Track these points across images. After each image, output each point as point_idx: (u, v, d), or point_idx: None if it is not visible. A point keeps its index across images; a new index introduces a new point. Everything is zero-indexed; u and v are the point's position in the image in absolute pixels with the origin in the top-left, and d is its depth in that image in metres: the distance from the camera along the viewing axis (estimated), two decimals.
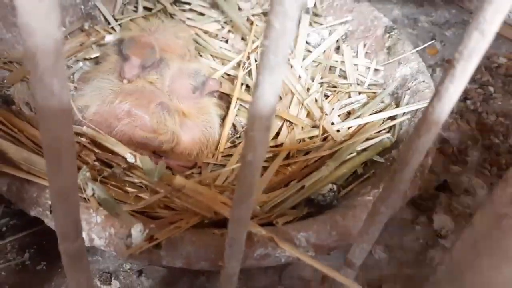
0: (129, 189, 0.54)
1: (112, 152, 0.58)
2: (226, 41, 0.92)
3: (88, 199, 0.47)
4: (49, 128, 0.26)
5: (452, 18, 1.37)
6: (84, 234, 0.49)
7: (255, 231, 0.50)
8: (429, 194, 0.86)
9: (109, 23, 0.90)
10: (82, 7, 0.88)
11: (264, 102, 0.27)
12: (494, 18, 0.27)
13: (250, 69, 0.83)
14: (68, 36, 0.84)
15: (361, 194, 0.62)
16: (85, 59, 0.82)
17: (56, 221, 0.32)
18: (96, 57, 0.81)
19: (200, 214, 0.51)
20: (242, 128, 0.78)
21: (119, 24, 0.89)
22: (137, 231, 0.49)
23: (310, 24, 0.94)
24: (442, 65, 1.18)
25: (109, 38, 0.83)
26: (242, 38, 0.91)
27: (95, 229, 0.49)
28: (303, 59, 0.86)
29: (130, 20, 0.91)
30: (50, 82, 0.24)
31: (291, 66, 0.83)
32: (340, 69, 0.87)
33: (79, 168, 0.54)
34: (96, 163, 0.56)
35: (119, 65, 0.68)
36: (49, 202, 0.50)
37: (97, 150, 0.57)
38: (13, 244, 0.59)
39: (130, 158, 0.55)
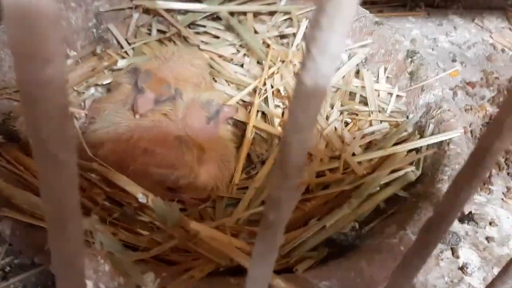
0: (141, 231, 0.51)
1: (124, 191, 0.55)
2: (242, 65, 0.89)
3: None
4: (53, 196, 0.24)
5: (472, 38, 1.33)
6: (91, 284, 0.46)
7: (273, 283, 0.46)
8: (453, 226, 0.81)
9: (122, 47, 0.87)
10: (94, 30, 0.85)
11: (292, 162, 0.25)
12: None
13: (266, 96, 0.80)
14: (79, 60, 0.82)
15: (386, 235, 0.59)
16: (96, 85, 0.80)
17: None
18: (109, 83, 0.79)
19: (215, 261, 0.47)
20: (258, 158, 0.75)
21: (132, 48, 0.87)
22: (148, 281, 0.46)
23: None
24: (464, 88, 1.14)
25: (121, 63, 0.81)
26: (258, 62, 0.88)
27: (103, 278, 0.45)
28: None
29: (144, 43, 0.89)
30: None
31: None
32: (361, 95, 0.84)
33: (88, 210, 0.52)
34: (106, 203, 0.53)
35: (132, 96, 0.65)
36: None
37: (107, 189, 0.54)
38: (17, 286, 0.56)
39: (142, 199, 0.52)
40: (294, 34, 0.93)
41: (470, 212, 0.83)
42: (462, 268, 0.74)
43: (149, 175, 0.62)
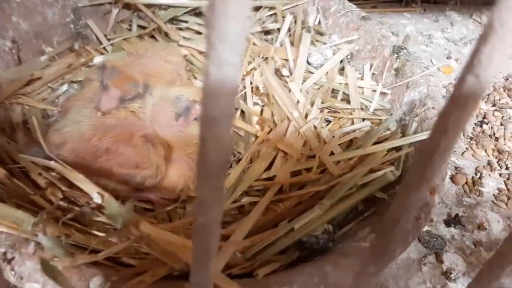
0: (97, 233, 0.49)
1: (82, 191, 0.53)
2: None
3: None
4: None
5: (469, 35, 1.30)
6: (38, 287, 0.44)
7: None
8: (439, 229, 0.78)
9: (101, 43, 0.86)
10: (72, 26, 0.84)
11: (211, 160, 0.23)
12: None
13: (245, 93, 0.78)
14: (56, 57, 0.80)
15: (358, 238, 0.56)
16: (72, 81, 0.78)
17: None
18: (81, 80, 0.77)
19: (169, 265, 0.45)
20: (235, 157, 0.72)
21: (111, 44, 0.85)
22: (96, 285, 0.44)
23: (313, 43, 0.88)
24: None
25: (98, 59, 0.79)
26: None
27: (50, 282, 0.44)
28: (303, 81, 0.80)
29: (124, 39, 0.87)
30: None
31: (289, 90, 0.77)
32: (344, 92, 0.81)
33: (42, 209, 0.50)
34: (62, 203, 0.51)
35: (98, 94, 0.63)
36: (2, 249, 0.45)
37: (64, 188, 0.52)
38: None
39: (97, 198, 0.50)
40: (279, 30, 0.90)
41: (457, 215, 0.80)
42: (445, 273, 0.71)
43: (113, 176, 0.60)
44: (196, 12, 0.92)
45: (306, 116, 0.75)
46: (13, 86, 0.70)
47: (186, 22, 0.91)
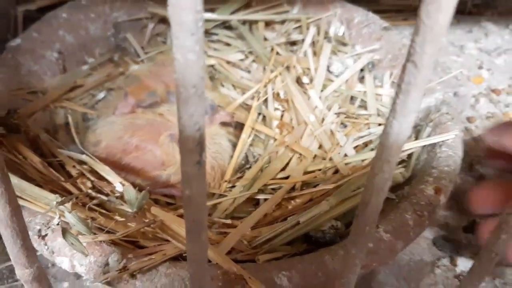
0: (118, 218, 0.55)
1: (108, 181, 0.59)
2: (249, 71, 0.92)
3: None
4: None
5: (504, 44, 1.29)
6: (67, 260, 0.50)
7: (226, 267, 0.48)
8: (456, 234, 0.79)
9: (138, 55, 0.94)
10: (113, 39, 0.92)
11: (188, 135, 0.27)
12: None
13: (267, 99, 0.83)
14: (97, 66, 0.89)
15: None
16: (110, 89, 0.86)
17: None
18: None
19: (178, 247, 0.50)
20: (254, 158, 0.77)
21: (147, 56, 0.93)
22: (114, 260, 0.50)
23: (335, 53, 0.92)
24: (488, 95, 1.11)
25: (133, 68, 0.87)
26: (265, 68, 0.91)
27: (77, 255, 0.50)
28: (323, 89, 0.84)
29: (160, 52, 0.94)
30: None
31: (308, 97, 0.81)
32: (362, 100, 0.84)
33: (71, 194, 0.57)
34: (90, 191, 0.57)
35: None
36: (38, 227, 0.52)
37: (92, 178, 0.59)
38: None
39: (119, 187, 0.56)
40: (303, 41, 0.95)
41: (474, 221, 0.80)
42: (458, 276, 0.72)
43: (141, 173, 0.67)
44: (226, 26, 0.98)
45: (322, 121, 0.79)
46: (58, 92, 0.78)
47: (216, 34, 0.98)
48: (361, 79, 0.90)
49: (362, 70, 0.90)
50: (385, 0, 1.29)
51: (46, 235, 0.51)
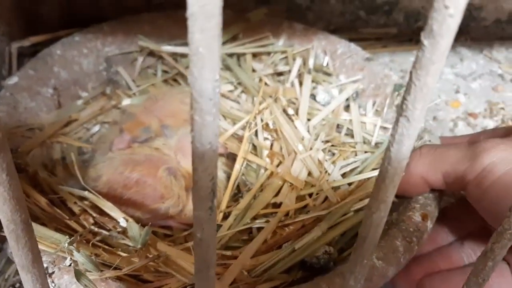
0: (121, 253, 0.57)
1: (110, 217, 0.61)
2: (238, 102, 0.96)
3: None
4: None
5: (479, 69, 1.35)
6: None
7: None
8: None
9: (130, 88, 0.96)
10: (105, 73, 0.95)
11: (202, 185, 0.29)
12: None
13: (257, 130, 0.86)
14: (90, 100, 0.91)
15: None
16: (103, 122, 0.88)
17: None
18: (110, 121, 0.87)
19: (182, 280, 0.53)
20: (245, 187, 0.80)
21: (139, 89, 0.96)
22: None
23: (320, 83, 0.96)
24: (465, 119, 1.16)
25: (125, 102, 0.89)
26: (253, 99, 0.95)
27: None
28: (310, 119, 0.88)
29: (151, 84, 0.97)
30: None
31: (295, 127, 0.85)
32: (348, 128, 0.88)
33: (75, 232, 0.59)
34: (93, 227, 0.59)
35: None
36: (45, 265, 0.54)
37: (95, 215, 0.61)
38: None
39: (123, 223, 0.58)
40: (290, 71, 0.99)
41: None
42: None
43: (141, 206, 0.69)
44: None
45: (311, 149, 0.82)
46: (54, 127, 0.80)
47: None
48: (346, 108, 0.94)
49: (347, 99, 0.94)
50: (365, 29, 1.35)
51: (53, 272, 0.53)
